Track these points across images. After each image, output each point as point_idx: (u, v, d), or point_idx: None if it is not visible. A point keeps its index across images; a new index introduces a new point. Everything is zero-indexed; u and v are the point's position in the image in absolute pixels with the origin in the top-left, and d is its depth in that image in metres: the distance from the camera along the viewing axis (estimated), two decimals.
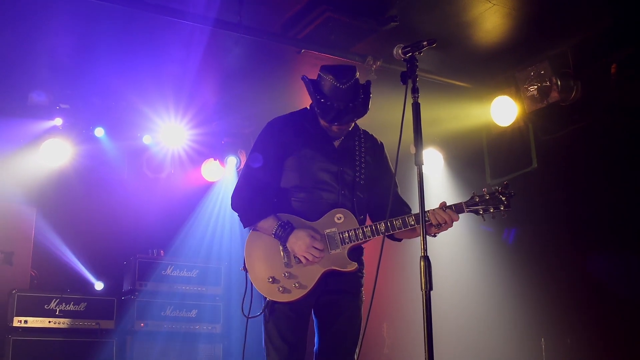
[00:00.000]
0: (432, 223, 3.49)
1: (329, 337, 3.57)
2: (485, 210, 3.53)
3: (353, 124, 3.71)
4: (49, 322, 6.38)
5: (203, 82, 6.67)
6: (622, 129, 5.81)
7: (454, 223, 3.53)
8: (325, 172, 3.60)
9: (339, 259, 3.50)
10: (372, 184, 3.75)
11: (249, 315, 3.54)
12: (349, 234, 3.50)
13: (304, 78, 3.67)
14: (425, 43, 3.02)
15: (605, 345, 5.74)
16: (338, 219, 3.54)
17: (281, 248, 3.50)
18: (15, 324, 6.21)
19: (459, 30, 5.77)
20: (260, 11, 5.48)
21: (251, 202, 3.57)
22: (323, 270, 3.47)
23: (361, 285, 3.68)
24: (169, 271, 7.14)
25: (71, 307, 6.52)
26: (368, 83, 3.62)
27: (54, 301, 6.45)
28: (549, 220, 6.44)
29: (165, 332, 6.85)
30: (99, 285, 7.44)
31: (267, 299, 3.47)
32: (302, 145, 3.62)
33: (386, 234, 3.44)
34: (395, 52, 3.08)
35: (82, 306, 6.58)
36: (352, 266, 3.50)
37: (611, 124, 5.90)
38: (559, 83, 5.93)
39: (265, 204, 3.55)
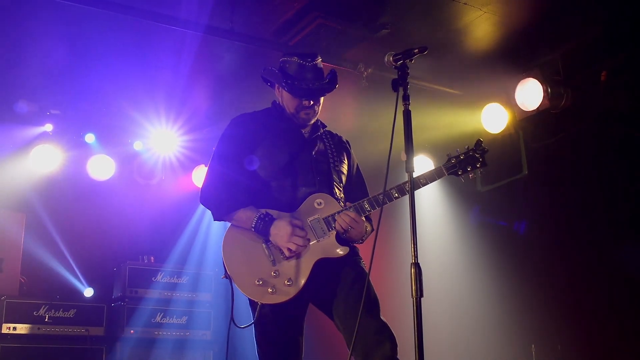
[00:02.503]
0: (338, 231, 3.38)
1: (345, 307, 3.33)
2: (464, 171, 3.50)
3: (319, 111, 3.64)
4: (38, 328, 6.34)
5: (194, 88, 6.67)
6: (612, 136, 5.84)
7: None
8: (299, 160, 3.51)
9: (328, 247, 3.35)
10: (345, 178, 3.70)
11: (230, 323, 3.37)
12: (333, 217, 3.38)
13: (265, 70, 3.63)
14: (416, 51, 3.02)
15: (595, 352, 5.76)
16: (318, 204, 3.40)
17: (264, 245, 3.33)
18: (4, 330, 6.17)
19: (450, 37, 5.79)
20: (252, 18, 5.48)
21: (223, 194, 3.41)
22: (314, 261, 3.31)
23: (358, 256, 3.53)
24: (159, 278, 7.11)
25: (60, 313, 6.48)
26: (332, 71, 3.60)
27: (43, 308, 6.41)
28: (538, 227, 6.46)
29: (155, 338, 6.82)
30: (88, 292, 7.40)
31: (259, 303, 3.27)
32: (271, 137, 3.54)
33: (372, 210, 3.40)
34: (386, 59, 3.08)
35: (71, 313, 6.54)
36: (344, 250, 3.36)
37: (601, 131, 5.92)
38: (549, 90, 5.96)
39: (238, 195, 3.40)
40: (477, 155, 3.51)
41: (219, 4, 5.18)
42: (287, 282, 3.27)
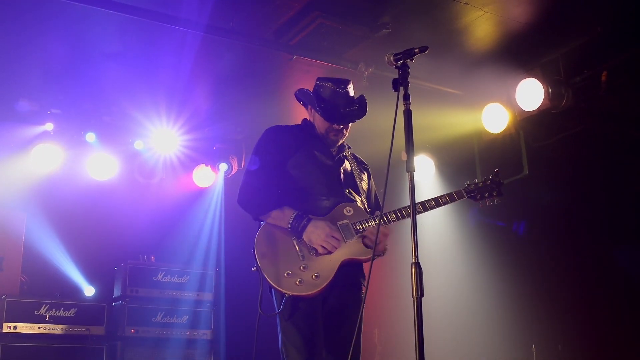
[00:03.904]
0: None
1: (332, 346, 3.56)
2: (482, 197, 3.79)
3: (347, 134, 3.85)
4: (39, 328, 6.34)
5: (195, 87, 6.67)
6: (612, 136, 5.85)
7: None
8: (330, 174, 3.73)
9: (354, 248, 3.56)
10: (366, 194, 3.90)
11: (258, 312, 3.48)
12: (362, 223, 3.57)
13: (300, 91, 3.84)
14: (417, 50, 3.05)
15: (596, 352, 5.76)
16: (347, 212, 3.62)
17: (295, 241, 3.52)
18: (5, 329, 6.17)
19: (450, 37, 5.79)
20: (252, 17, 5.48)
21: (261, 193, 3.62)
22: (341, 260, 3.50)
23: (365, 278, 3.75)
24: (160, 277, 7.11)
25: (61, 312, 6.48)
26: (362, 96, 3.83)
27: (44, 307, 6.41)
28: (539, 226, 6.47)
29: (155, 338, 6.82)
30: (89, 291, 7.40)
31: (287, 294, 3.42)
32: (303, 150, 3.74)
33: (396, 220, 3.59)
34: (387, 59, 3.10)
35: (72, 312, 6.54)
36: (369, 253, 3.55)
37: (602, 131, 5.93)
38: (550, 90, 5.96)
39: (273, 196, 3.60)
40: (494, 185, 3.81)
41: (219, 3, 5.18)
42: (315, 276, 3.45)
